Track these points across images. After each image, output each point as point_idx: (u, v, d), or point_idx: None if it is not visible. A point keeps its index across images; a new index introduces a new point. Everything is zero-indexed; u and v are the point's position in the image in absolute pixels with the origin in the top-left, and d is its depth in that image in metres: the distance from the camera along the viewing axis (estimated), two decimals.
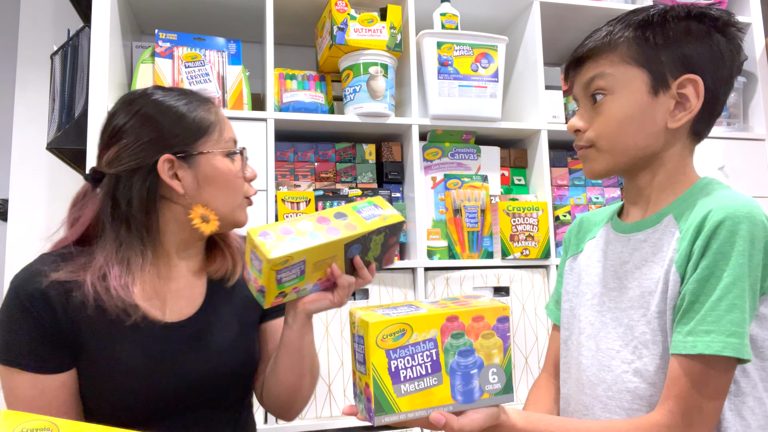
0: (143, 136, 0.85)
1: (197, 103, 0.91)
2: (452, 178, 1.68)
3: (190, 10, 1.70)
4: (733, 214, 0.69)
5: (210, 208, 0.88)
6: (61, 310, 0.81)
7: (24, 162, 1.88)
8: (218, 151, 0.89)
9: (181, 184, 0.86)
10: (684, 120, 0.76)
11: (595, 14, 1.84)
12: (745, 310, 0.67)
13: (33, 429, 0.60)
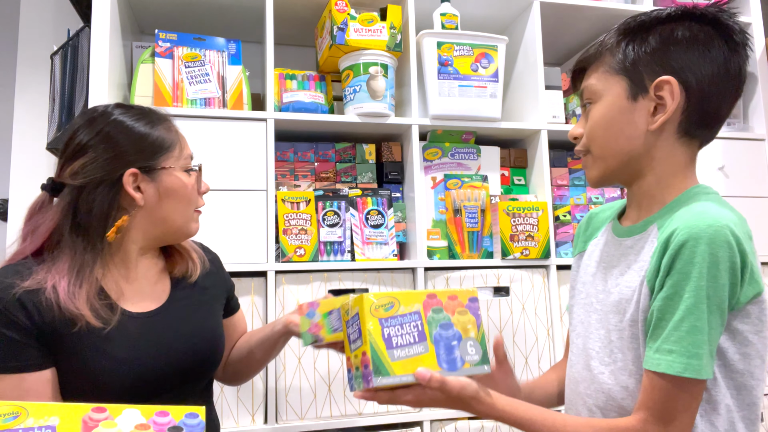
0: (110, 152, 0.92)
1: (157, 121, 0.98)
2: (452, 178, 1.68)
3: (190, 10, 1.70)
4: (696, 235, 0.69)
5: (165, 219, 0.97)
6: (37, 314, 0.85)
7: (24, 162, 1.88)
8: (179, 166, 0.97)
9: (143, 196, 0.94)
10: (661, 120, 0.77)
11: (595, 14, 1.84)
12: (705, 332, 0.69)
13: (2, 414, 0.62)
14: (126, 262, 0.96)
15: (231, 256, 1.43)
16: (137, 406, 0.70)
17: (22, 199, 1.87)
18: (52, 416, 0.65)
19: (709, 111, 0.77)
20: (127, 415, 0.68)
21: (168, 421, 0.70)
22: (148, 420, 0.69)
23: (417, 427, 1.51)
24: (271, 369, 1.43)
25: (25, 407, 0.64)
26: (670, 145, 0.79)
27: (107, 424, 0.67)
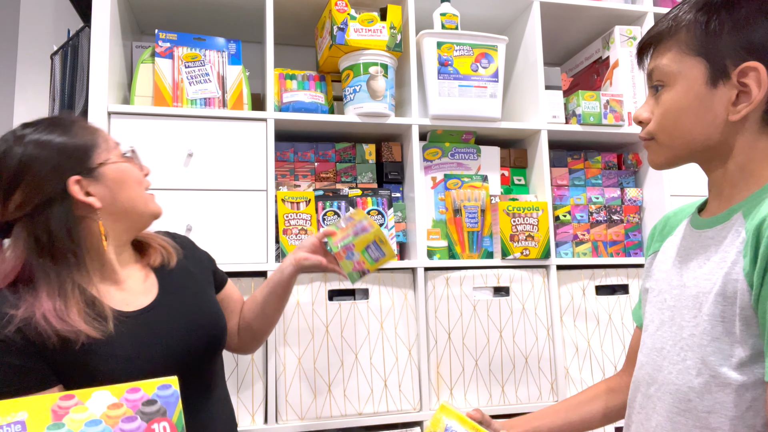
0: (41, 172, 0.90)
1: (70, 125, 0.96)
2: (452, 178, 1.68)
3: (190, 10, 1.70)
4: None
5: (128, 209, 0.97)
6: (39, 340, 0.85)
7: None
8: (112, 157, 0.97)
9: (96, 198, 0.93)
10: (744, 112, 0.70)
11: (595, 14, 1.84)
12: None
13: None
14: (107, 266, 0.96)
15: (231, 256, 1.43)
16: (107, 387, 0.69)
17: None
18: (19, 412, 0.65)
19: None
20: (97, 397, 0.68)
21: (141, 396, 0.70)
22: (120, 398, 0.69)
23: (417, 427, 1.51)
24: (271, 369, 1.43)
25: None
26: (752, 134, 0.72)
27: (78, 409, 0.67)
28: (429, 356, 1.53)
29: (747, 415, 0.67)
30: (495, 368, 1.58)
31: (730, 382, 0.69)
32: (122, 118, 1.43)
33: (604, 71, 1.89)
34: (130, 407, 0.69)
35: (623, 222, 1.80)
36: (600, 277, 1.70)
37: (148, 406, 0.70)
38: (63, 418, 0.66)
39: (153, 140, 1.43)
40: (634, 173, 1.88)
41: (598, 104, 1.75)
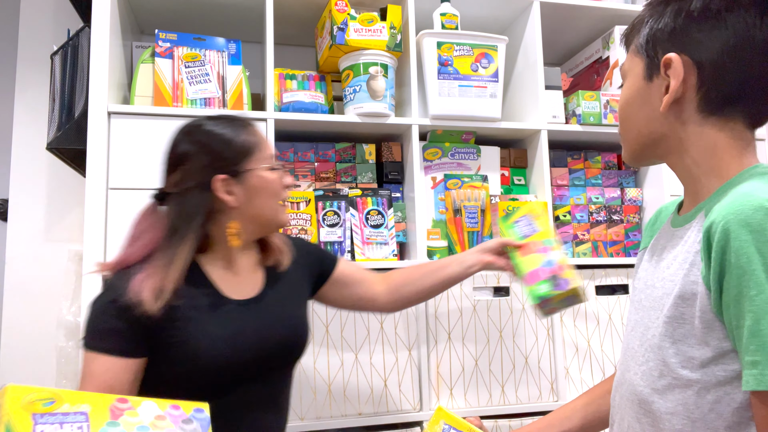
0: (200, 161, 1.03)
1: (241, 127, 1.07)
2: (452, 178, 1.68)
3: (190, 10, 1.70)
4: (741, 220, 0.60)
5: (258, 215, 1.07)
6: (144, 314, 0.95)
7: (24, 162, 1.88)
8: (261, 166, 1.06)
9: (235, 198, 1.04)
10: (666, 102, 0.72)
11: (595, 14, 1.84)
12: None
13: (38, 399, 0.67)
14: (229, 257, 1.07)
15: None
16: (154, 400, 0.75)
17: (22, 199, 1.87)
18: (84, 403, 0.70)
19: (729, 86, 0.70)
20: (146, 406, 0.74)
21: (180, 414, 0.75)
22: (164, 411, 0.74)
23: (417, 427, 1.51)
24: None
25: (60, 394, 0.69)
26: (695, 125, 0.72)
27: (131, 414, 0.72)
28: (429, 356, 1.53)
29: (709, 417, 0.67)
30: (495, 368, 1.58)
31: (691, 384, 0.68)
32: (122, 118, 1.43)
33: (604, 71, 1.89)
34: (172, 422, 0.74)
35: (623, 222, 1.80)
36: (600, 277, 1.70)
37: (186, 425, 0.75)
38: (119, 418, 0.71)
39: (153, 140, 1.43)
40: (634, 173, 1.88)
41: (598, 104, 1.75)
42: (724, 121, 0.72)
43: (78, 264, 1.70)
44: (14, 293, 1.82)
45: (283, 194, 1.10)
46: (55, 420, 0.67)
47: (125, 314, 0.95)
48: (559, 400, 1.60)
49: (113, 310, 0.96)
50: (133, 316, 0.94)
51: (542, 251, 1.17)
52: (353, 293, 1.26)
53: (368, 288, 1.27)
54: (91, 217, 1.37)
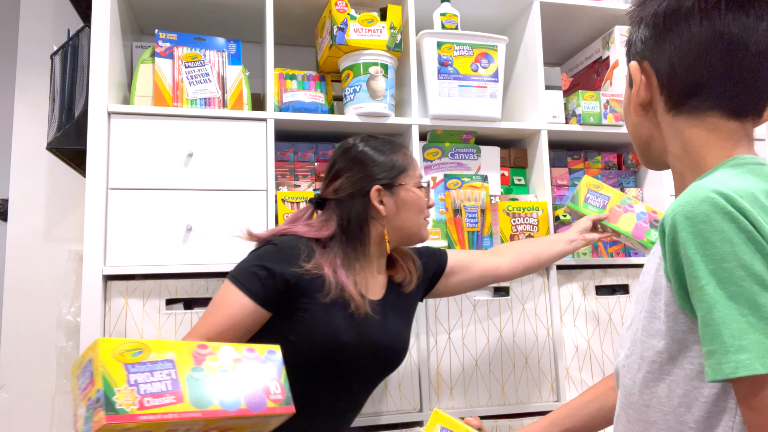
0: (360, 173, 1.18)
1: (396, 148, 1.23)
2: (452, 178, 1.68)
3: (190, 10, 1.70)
4: (685, 212, 0.61)
5: (403, 226, 1.19)
6: (298, 278, 1.09)
7: (24, 162, 1.88)
8: (412, 183, 1.20)
9: (385, 208, 1.17)
10: (633, 105, 0.78)
11: (595, 14, 1.84)
12: (740, 319, 0.57)
13: (127, 350, 0.71)
14: (371, 261, 1.20)
15: (231, 256, 1.43)
16: (231, 344, 0.80)
17: (22, 199, 1.87)
18: (168, 351, 0.74)
19: (683, 82, 0.72)
20: (225, 350, 0.79)
21: (255, 356, 0.80)
22: (241, 355, 0.79)
23: (417, 427, 1.51)
24: None
25: (146, 344, 0.73)
26: (669, 124, 0.75)
27: (212, 358, 0.77)
28: (429, 356, 1.53)
29: (679, 410, 0.67)
30: (495, 368, 1.58)
31: (663, 377, 0.69)
32: (122, 118, 1.43)
33: (604, 71, 1.89)
34: (248, 363, 0.79)
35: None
36: (600, 277, 1.70)
37: (262, 365, 0.80)
38: (202, 363, 0.76)
39: (153, 140, 1.43)
40: (634, 173, 1.88)
41: (598, 104, 1.75)
42: (695, 115, 0.73)
43: (78, 264, 1.70)
44: (14, 293, 1.82)
45: (426, 212, 1.22)
46: (145, 368, 0.71)
47: (279, 268, 1.08)
48: (559, 400, 1.60)
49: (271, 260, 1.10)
50: (285, 273, 1.08)
51: (628, 209, 1.31)
52: (472, 275, 1.36)
53: (485, 263, 1.38)
54: (91, 217, 1.37)
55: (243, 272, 1.09)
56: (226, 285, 1.09)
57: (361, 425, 1.48)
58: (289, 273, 1.08)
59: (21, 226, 1.85)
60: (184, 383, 0.73)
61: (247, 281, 1.07)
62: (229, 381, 0.76)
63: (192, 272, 1.41)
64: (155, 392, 0.70)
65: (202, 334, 1.05)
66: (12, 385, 1.77)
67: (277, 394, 0.79)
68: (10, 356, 1.79)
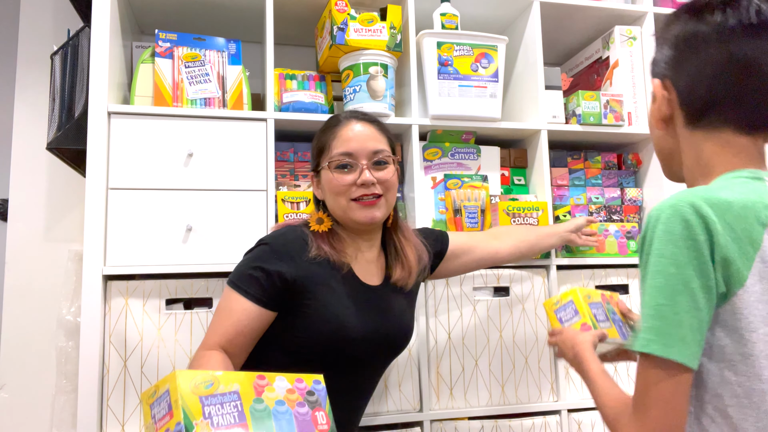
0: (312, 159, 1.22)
1: (329, 123, 1.19)
2: (452, 178, 1.68)
3: (190, 10, 1.70)
4: (657, 215, 0.70)
5: (333, 212, 1.17)
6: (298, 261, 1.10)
7: (24, 162, 1.88)
8: (328, 164, 1.15)
9: (321, 192, 1.19)
10: (655, 119, 0.84)
11: (595, 14, 1.84)
12: (672, 310, 0.67)
13: (201, 383, 0.77)
14: (356, 244, 1.19)
15: (231, 256, 1.43)
16: (283, 375, 0.85)
17: (22, 199, 1.87)
18: (234, 383, 0.80)
19: (700, 99, 0.78)
20: (279, 381, 0.84)
21: (304, 386, 0.85)
22: (292, 385, 0.84)
23: (417, 427, 1.51)
24: None
25: (216, 376, 0.79)
26: (686, 138, 0.81)
27: (269, 389, 0.82)
28: (429, 356, 1.53)
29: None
30: (495, 368, 1.58)
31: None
32: (122, 118, 1.43)
33: (604, 71, 1.89)
34: (299, 394, 0.84)
35: (623, 222, 1.80)
36: (600, 277, 1.70)
37: (310, 396, 0.85)
38: (261, 395, 0.81)
39: (153, 140, 1.43)
40: (634, 173, 1.88)
41: (598, 104, 1.75)
42: (710, 130, 0.79)
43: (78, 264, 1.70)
44: (14, 293, 1.82)
45: (351, 192, 1.13)
46: (216, 401, 0.77)
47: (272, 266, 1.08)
48: (559, 400, 1.60)
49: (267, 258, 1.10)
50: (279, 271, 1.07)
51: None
52: (471, 258, 1.38)
53: (485, 247, 1.39)
54: (91, 217, 1.37)
55: (241, 276, 1.08)
56: (227, 291, 1.09)
57: (361, 425, 1.48)
58: (286, 270, 1.08)
59: (21, 226, 1.85)
60: (248, 415, 0.78)
61: (247, 285, 1.07)
62: (284, 412, 0.81)
63: (192, 272, 1.41)
64: (226, 425, 0.75)
65: (215, 342, 1.05)
66: (12, 385, 1.77)
67: (323, 424, 0.83)
68: (10, 356, 1.79)
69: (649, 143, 1.82)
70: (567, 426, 1.59)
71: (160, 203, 1.42)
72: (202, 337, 1.40)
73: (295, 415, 0.82)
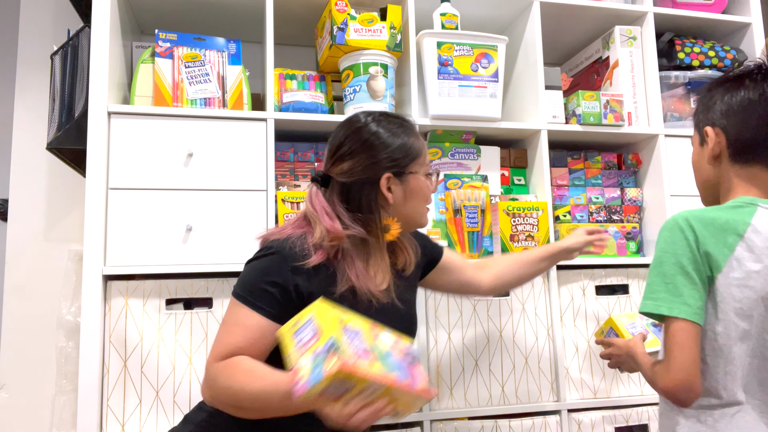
0: (372, 158, 1.09)
1: (409, 130, 1.14)
2: (452, 178, 1.68)
3: (190, 10, 1.70)
4: (663, 226, 0.99)
5: (408, 215, 1.13)
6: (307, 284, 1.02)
7: (24, 162, 1.88)
8: (422, 171, 1.14)
9: (393, 196, 1.10)
10: (709, 158, 1.05)
11: (595, 14, 1.84)
12: (664, 280, 0.94)
13: (336, 316, 0.85)
14: (370, 249, 1.11)
15: (231, 256, 1.43)
16: (387, 330, 0.91)
17: (22, 199, 1.87)
18: (359, 324, 0.88)
19: (745, 140, 1.01)
20: (384, 335, 0.90)
21: (402, 346, 0.91)
22: (394, 342, 0.91)
23: (417, 427, 1.51)
24: None
25: (345, 317, 0.86)
26: (728, 170, 1.04)
27: (380, 338, 0.89)
28: (429, 356, 1.53)
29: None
30: (495, 368, 1.58)
31: None
32: (122, 118, 1.43)
33: (604, 71, 1.89)
34: (401, 350, 0.90)
35: (623, 222, 1.80)
36: (600, 277, 1.70)
37: (408, 354, 0.90)
38: (376, 340, 0.87)
39: (153, 140, 1.43)
40: (634, 173, 1.87)
41: (598, 104, 1.75)
42: (746, 167, 1.02)
43: (78, 264, 1.70)
44: (14, 293, 1.82)
45: (430, 199, 1.18)
46: (349, 333, 0.83)
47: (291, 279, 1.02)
48: (559, 400, 1.60)
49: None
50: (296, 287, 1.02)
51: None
52: (458, 278, 1.34)
53: (471, 274, 1.35)
54: (91, 217, 1.37)
55: (253, 291, 1.01)
56: (237, 306, 1.01)
57: None
58: (301, 281, 1.02)
59: (21, 226, 1.85)
60: (373, 352, 0.83)
61: (261, 301, 1.00)
62: (395, 359, 0.87)
63: (192, 272, 1.41)
64: (360, 352, 0.80)
65: (226, 353, 0.98)
66: (12, 385, 1.77)
67: (424, 379, 0.89)
68: (10, 356, 1.79)
69: (648, 143, 1.82)
70: (567, 426, 1.59)
71: (160, 203, 1.42)
72: (202, 337, 1.40)
73: (402, 364, 0.88)
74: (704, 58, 1.89)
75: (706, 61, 1.89)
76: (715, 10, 1.93)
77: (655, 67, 1.81)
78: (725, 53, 1.91)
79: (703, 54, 1.89)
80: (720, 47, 1.92)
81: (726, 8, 1.96)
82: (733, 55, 1.91)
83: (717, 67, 1.89)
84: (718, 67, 1.89)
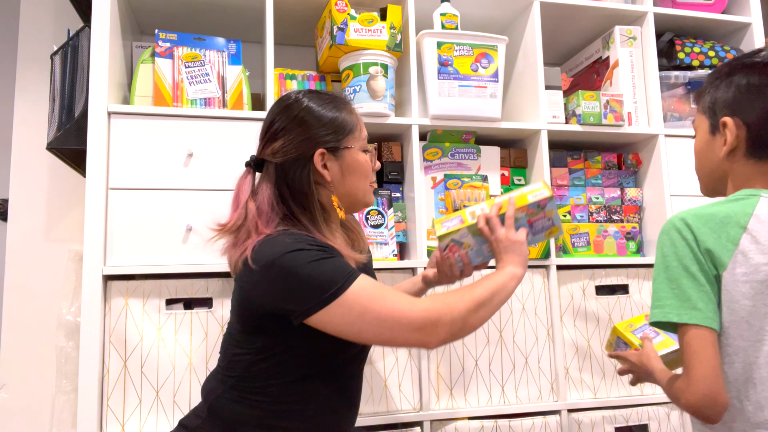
0: (304, 134, 1.06)
1: (342, 105, 1.11)
2: (452, 178, 1.68)
3: (190, 10, 1.70)
4: (661, 229, 0.96)
5: (349, 193, 1.10)
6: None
7: (24, 162, 1.88)
8: (358, 146, 1.10)
9: (329, 172, 1.06)
10: (725, 151, 0.97)
11: (595, 14, 1.84)
12: (669, 286, 0.90)
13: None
14: (331, 225, 1.08)
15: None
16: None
17: (22, 199, 1.87)
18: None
19: (762, 137, 0.95)
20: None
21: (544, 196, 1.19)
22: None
23: (417, 427, 1.51)
24: None
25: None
26: (741, 165, 0.97)
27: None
28: (429, 356, 1.53)
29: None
30: (495, 368, 1.58)
31: None
32: (122, 118, 1.43)
33: (604, 71, 1.89)
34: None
35: (623, 222, 1.80)
36: (600, 277, 1.70)
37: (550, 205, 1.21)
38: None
39: (153, 140, 1.43)
40: (634, 173, 1.88)
41: (598, 104, 1.75)
42: (761, 161, 0.96)
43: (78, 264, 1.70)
44: (14, 293, 1.82)
45: (372, 176, 1.14)
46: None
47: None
48: (559, 400, 1.60)
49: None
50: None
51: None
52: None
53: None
54: (91, 217, 1.37)
55: (336, 273, 0.95)
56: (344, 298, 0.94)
57: (361, 425, 1.48)
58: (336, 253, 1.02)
59: (21, 226, 1.85)
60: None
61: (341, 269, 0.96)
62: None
63: (192, 272, 1.41)
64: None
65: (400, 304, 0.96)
66: (12, 385, 1.77)
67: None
68: (10, 356, 1.79)
69: (648, 143, 1.82)
70: (567, 426, 1.59)
71: (160, 203, 1.42)
72: (202, 337, 1.40)
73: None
74: (704, 58, 1.89)
75: (706, 61, 1.89)
76: (715, 10, 1.94)
77: (655, 67, 1.81)
78: (725, 53, 1.91)
79: (703, 54, 1.89)
80: (720, 47, 1.92)
81: (726, 8, 1.96)
82: (733, 55, 1.91)
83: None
84: None
